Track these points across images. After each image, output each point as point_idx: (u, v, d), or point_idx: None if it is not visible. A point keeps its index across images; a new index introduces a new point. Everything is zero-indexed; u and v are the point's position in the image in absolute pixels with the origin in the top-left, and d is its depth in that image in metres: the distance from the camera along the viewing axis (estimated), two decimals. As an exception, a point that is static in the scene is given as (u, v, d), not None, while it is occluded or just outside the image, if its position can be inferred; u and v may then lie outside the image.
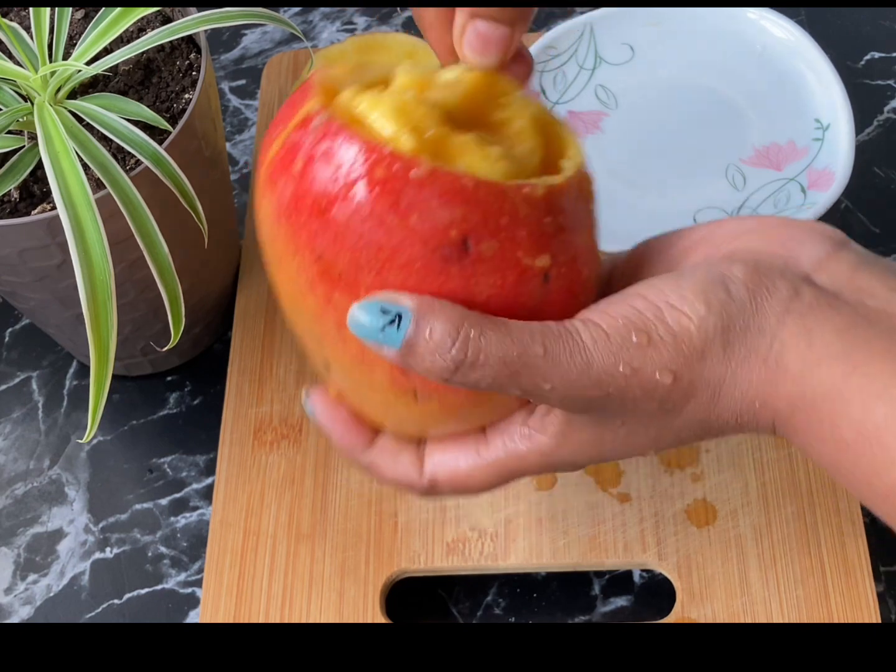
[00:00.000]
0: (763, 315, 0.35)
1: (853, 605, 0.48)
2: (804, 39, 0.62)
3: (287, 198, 0.34)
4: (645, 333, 0.34)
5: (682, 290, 0.35)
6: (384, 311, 0.34)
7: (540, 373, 0.34)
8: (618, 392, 0.35)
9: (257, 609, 0.51)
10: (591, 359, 0.34)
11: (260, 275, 0.61)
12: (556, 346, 0.34)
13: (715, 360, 0.35)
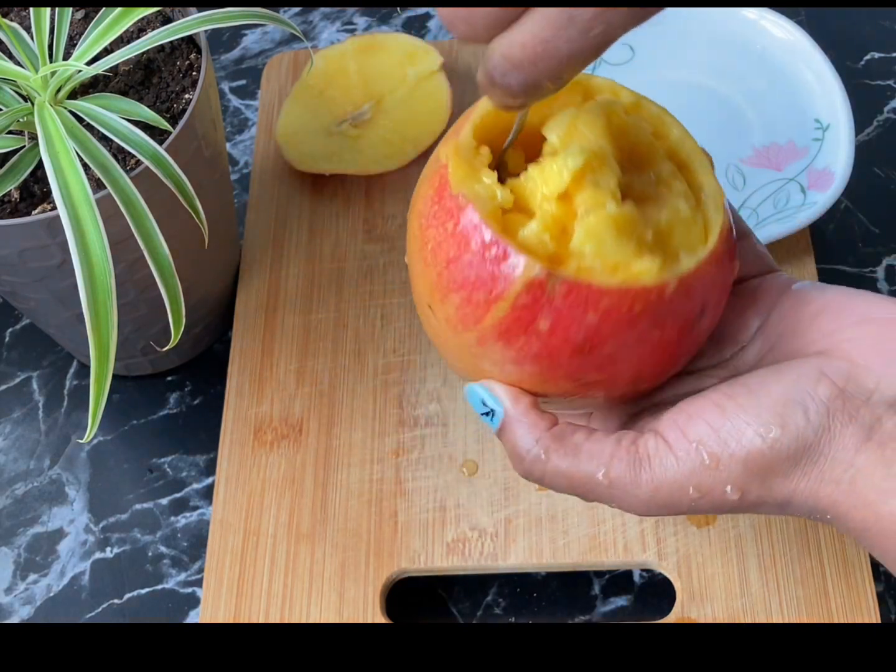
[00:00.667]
0: (840, 441, 0.35)
1: (853, 605, 0.48)
2: (804, 39, 0.62)
3: (537, 349, 0.36)
4: (715, 456, 0.36)
5: (761, 407, 0.36)
6: (484, 400, 0.39)
7: (604, 498, 0.37)
8: (688, 509, 0.37)
9: (257, 609, 0.51)
10: (659, 486, 0.36)
11: (260, 275, 0.61)
12: (622, 475, 0.36)
13: (785, 479, 0.36)
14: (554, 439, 0.37)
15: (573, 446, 0.37)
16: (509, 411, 0.38)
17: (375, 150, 0.63)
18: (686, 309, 0.37)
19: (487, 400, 0.38)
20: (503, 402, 0.38)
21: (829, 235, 0.61)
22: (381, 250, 0.61)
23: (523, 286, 0.35)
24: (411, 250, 0.39)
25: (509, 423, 0.38)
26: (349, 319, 0.59)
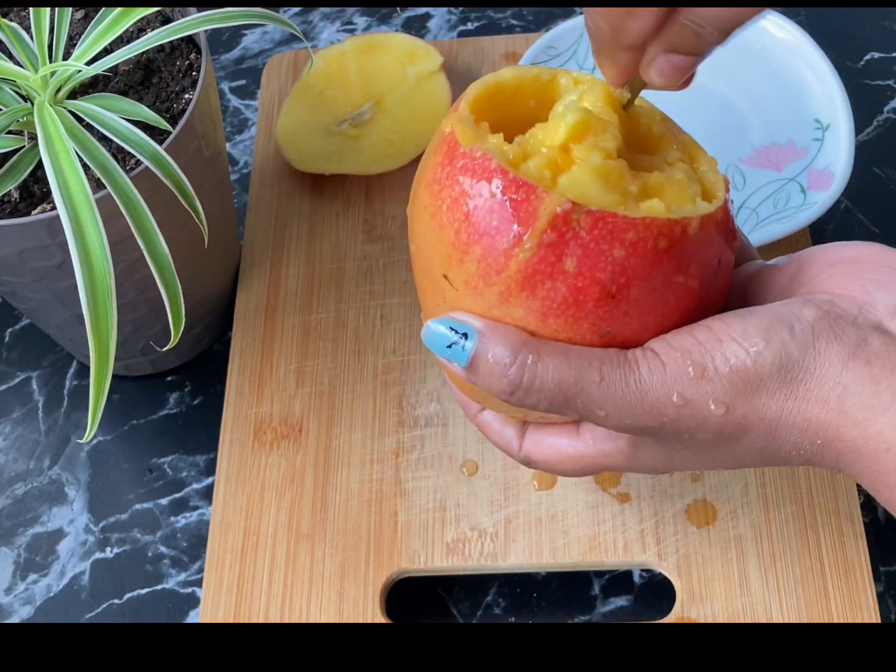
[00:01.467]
0: (827, 360, 0.35)
1: (853, 605, 0.48)
2: (804, 39, 0.62)
3: (563, 294, 0.36)
4: (700, 366, 0.35)
5: (747, 324, 0.36)
6: (452, 328, 0.36)
7: (594, 399, 0.36)
8: (671, 422, 0.36)
9: (257, 609, 0.51)
10: (645, 388, 0.36)
11: (260, 275, 0.61)
12: (612, 374, 0.36)
13: (770, 397, 0.35)
14: (540, 342, 0.36)
15: (560, 347, 0.36)
16: (483, 329, 0.36)
17: (375, 150, 0.63)
18: (707, 255, 0.37)
19: (456, 326, 0.37)
20: (473, 323, 0.36)
21: (829, 235, 0.61)
22: (381, 250, 0.61)
23: (548, 220, 0.35)
24: (420, 225, 0.38)
25: (486, 341, 0.36)
26: (349, 319, 0.59)
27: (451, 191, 0.36)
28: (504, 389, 0.36)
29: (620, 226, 0.35)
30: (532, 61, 0.64)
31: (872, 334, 0.35)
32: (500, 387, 0.36)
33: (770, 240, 0.56)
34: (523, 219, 0.35)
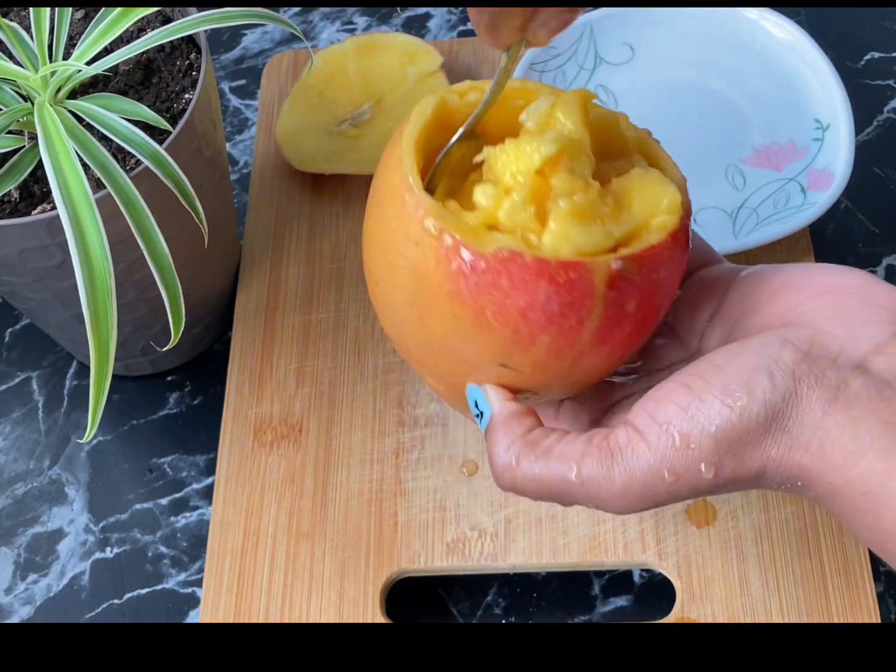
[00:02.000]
0: (807, 404, 0.35)
1: (853, 605, 0.48)
2: (804, 39, 0.62)
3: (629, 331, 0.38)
4: (685, 435, 0.35)
5: (727, 378, 0.36)
6: (476, 402, 0.39)
7: (577, 498, 0.37)
8: (666, 497, 0.37)
9: (257, 609, 0.51)
10: (633, 477, 0.36)
11: (260, 275, 0.61)
12: (595, 472, 0.36)
13: (755, 449, 0.35)
14: (525, 445, 0.38)
15: (544, 450, 0.37)
16: (493, 415, 0.38)
17: (375, 150, 0.63)
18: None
19: (479, 402, 0.39)
20: (492, 406, 0.39)
21: (829, 235, 0.61)
22: (381, 250, 0.61)
23: (606, 284, 0.36)
24: (446, 330, 0.38)
25: (491, 427, 0.38)
26: (349, 319, 0.59)
27: (490, 297, 0.36)
28: (495, 479, 0.39)
29: (658, 253, 0.37)
30: (532, 61, 0.64)
31: (853, 374, 0.35)
32: (493, 474, 0.39)
33: (770, 240, 0.56)
34: (584, 295, 0.36)
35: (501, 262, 0.36)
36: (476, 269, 0.36)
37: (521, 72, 0.64)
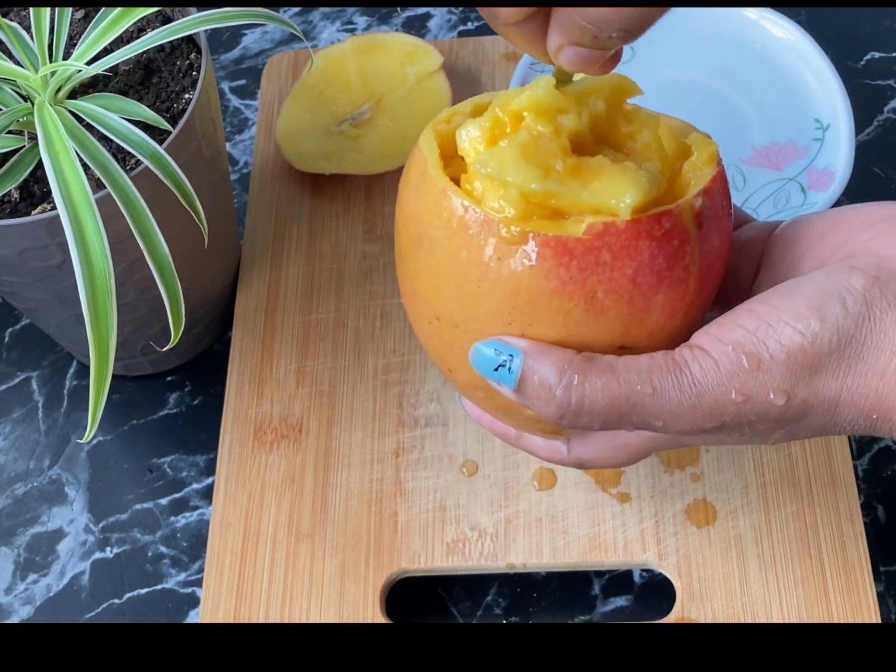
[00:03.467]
0: (881, 328, 0.34)
1: (853, 605, 0.48)
2: (804, 39, 0.62)
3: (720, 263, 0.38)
4: (756, 357, 0.34)
5: (797, 304, 0.34)
6: (498, 350, 0.36)
7: (650, 411, 0.35)
8: (732, 419, 0.35)
9: (257, 609, 0.51)
10: (701, 391, 0.34)
11: (260, 275, 0.61)
12: (664, 382, 0.35)
13: (830, 377, 0.34)
14: (586, 360, 0.35)
15: (608, 364, 0.35)
16: (528, 350, 0.36)
17: (375, 150, 0.63)
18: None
19: (501, 349, 0.36)
20: (518, 343, 0.36)
21: (829, 235, 0.61)
22: (381, 250, 0.61)
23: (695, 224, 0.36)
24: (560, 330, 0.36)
25: (532, 362, 0.35)
26: (349, 319, 0.59)
27: (597, 276, 0.35)
28: (553, 413, 0.36)
29: (719, 183, 0.37)
30: (532, 61, 0.64)
31: None
32: (549, 410, 0.36)
33: (770, 240, 0.56)
34: (682, 241, 0.36)
35: (598, 238, 0.35)
36: (575, 254, 0.35)
37: (521, 72, 0.64)
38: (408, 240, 0.39)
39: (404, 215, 0.39)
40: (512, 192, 0.35)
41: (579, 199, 0.36)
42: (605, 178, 0.36)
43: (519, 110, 0.37)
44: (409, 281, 0.40)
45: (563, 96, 0.37)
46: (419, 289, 0.39)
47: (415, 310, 0.40)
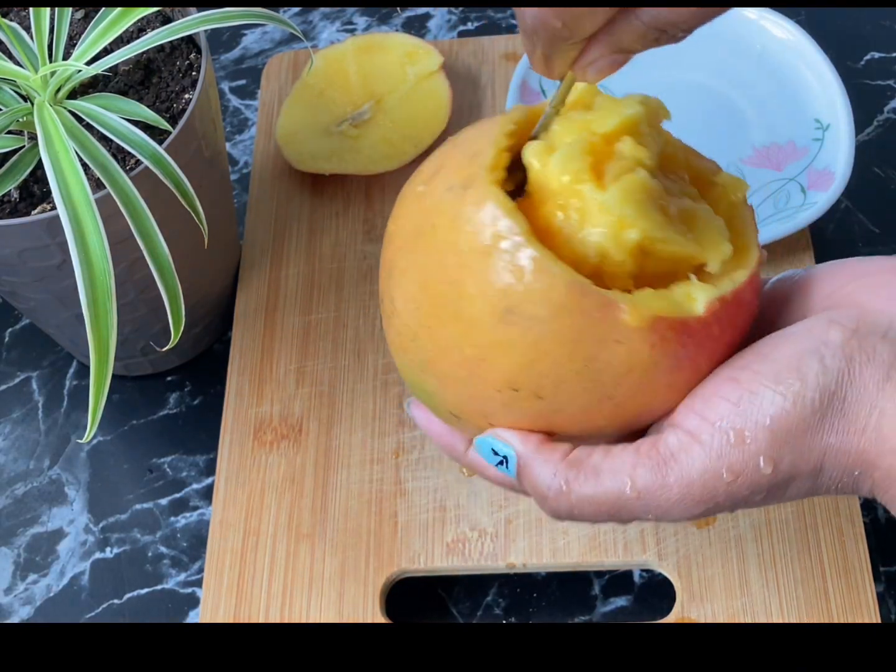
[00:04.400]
0: (861, 383, 0.34)
1: (853, 606, 0.48)
2: (804, 39, 0.62)
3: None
4: (739, 431, 0.34)
5: (777, 365, 0.34)
6: (494, 450, 0.37)
7: (637, 511, 0.36)
8: (725, 499, 0.35)
9: (257, 609, 0.51)
10: (690, 482, 0.35)
11: (260, 275, 0.61)
12: (650, 483, 0.35)
13: (814, 437, 0.34)
14: (571, 466, 0.36)
15: (592, 469, 0.36)
16: (521, 451, 0.36)
17: (375, 150, 0.63)
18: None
19: (497, 447, 0.37)
20: (512, 444, 0.37)
21: (829, 235, 0.61)
22: (380, 250, 0.61)
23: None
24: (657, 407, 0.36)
25: (524, 463, 0.36)
26: (349, 319, 0.59)
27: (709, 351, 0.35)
28: (549, 513, 0.37)
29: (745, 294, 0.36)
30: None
31: None
32: (543, 507, 0.37)
33: (770, 240, 0.56)
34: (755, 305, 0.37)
35: (713, 315, 0.35)
36: (693, 334, 0.35)
37: (521, 72, 0.64)
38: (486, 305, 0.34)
39: (439, 252, 0.35)
40: (631, 239, 0.34)
41: (681, 247, 0.35)
42: (708, 233, 0.36)
43: (612, 133, 0.35)
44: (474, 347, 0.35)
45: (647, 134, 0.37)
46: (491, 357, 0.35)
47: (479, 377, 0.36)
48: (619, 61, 0.36)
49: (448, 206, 0.35)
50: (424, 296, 0.36)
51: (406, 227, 0.38)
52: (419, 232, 0.36)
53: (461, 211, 0.34)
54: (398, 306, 0.38)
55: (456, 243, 0.34)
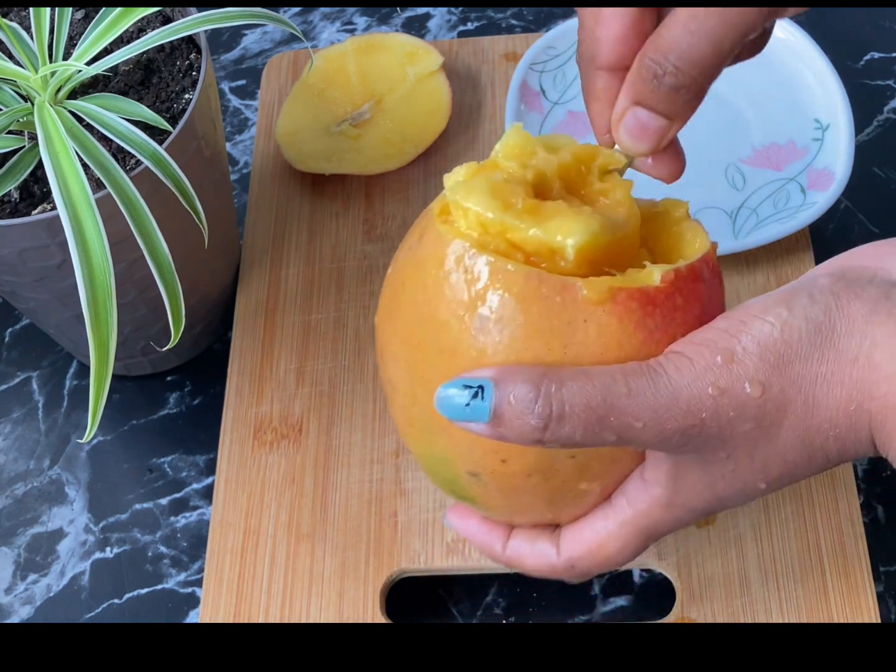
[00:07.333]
0: (850, 316, 0.34)
1: (853, 605, 0.48)
2: (804, 39, 0.62)
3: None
4: (728, 350, 0.34)
5: (767, 300, 0.35)
6: (466, 385, 0.35)
7: (628, 412, 0.34)
8: (711, 416, 0.35)
9: (257, 609, 0.51)
10: (677, 387, 0.34)
11: (260, 275, 0.61)
12: (639, 382, 0.34)
13: (803, 364, 0.34)
14: (558, 370, 0.35)
15: (580, 371, 0.35)
16: (498, 376, 0.35)
17: (375, 150, 0.63)
18: None
19: (469, 383, 0.35)
20: (484, 374, 0.35)
21: (829, 235, 0.61)
22: (381, 250, 0.61)
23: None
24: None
25: (504, 385, 0.35)
26: (349, 319, 0.59)
27: (676, 321, 0.36)
28: (536, 426, 0.35)
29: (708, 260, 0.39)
30: (532, 61, 0.64)
31: (892, 290, 0.35)
32: (531, 425, 0.35)
33: (770, 240, 0.56)
34: (719, 277, 0.39)
35: (672, 284, 0.36)
36: (658, 304, 0.36)
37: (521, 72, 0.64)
38: (460, 324, 0.37)
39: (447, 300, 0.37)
40: (471, 219, 0.37)
41: (528, 234, 0.36)
42: (558, 218, 0.36)
43: (496, 156, 0.39)
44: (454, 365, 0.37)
45: (534, 140, 0.39)
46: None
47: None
48: (647, 123, 0.37)
49: (411, 261, 0.39)
50: (410, 349, 0.38)
51: (384, 305, 0.41)
52: (394, 297, 0.40)
53: (420, 256, 0.38)
54: (394, 379, 0.40)
55: (423, 283, 0.37)
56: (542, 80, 0.64)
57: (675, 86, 0.36)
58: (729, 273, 0.57)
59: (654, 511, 0.38)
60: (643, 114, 0.37)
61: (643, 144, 0.38)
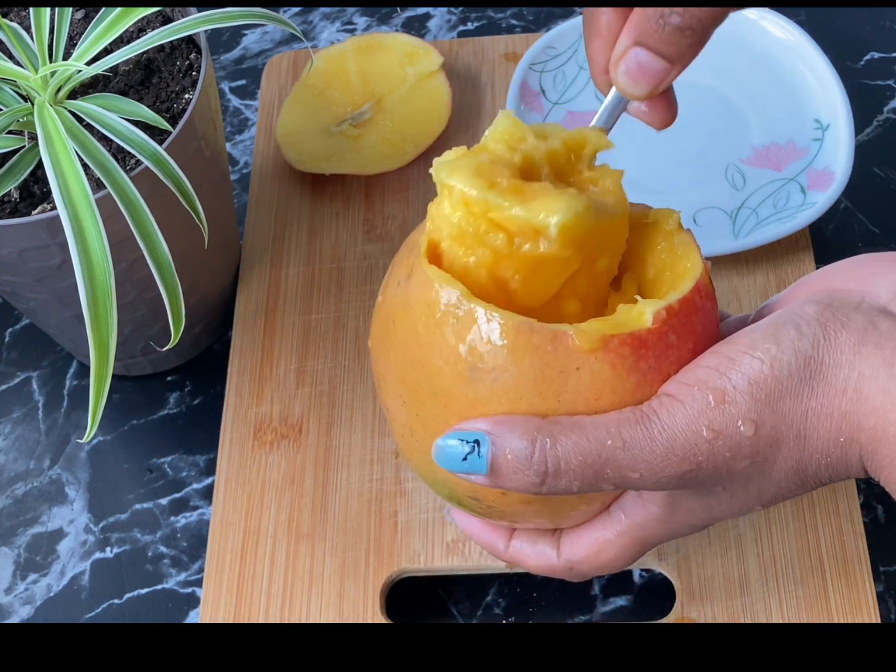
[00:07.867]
0: (838, 347, 0.34)
1: (853, 605, 0.48)
2: (804, 39, 0.62)
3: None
4: (719, 390, 0.34)
5: (754, 335, 0.35)
6: (462, 440, 0.35)
7: (624, 464, 0.35)
8: (707, 459, 0.35)
9: (257, 609, 0.51)
10: (672, 435, 0.35)
11: (260, 275, 0.61)
12: (634, 433, 0.35)
13: (794, 400, 0.35)
14: (552, 423, 0.35)
15: (575, 423, 0.35)
16: (493, 429, 0.35)
17: (375, 150, 0.63)
18: None
19: (465, 437, 0.36)
20: (479, 426, 0.35)
21: (829, 235, 0.61)
22: (381, 250, 0.61)
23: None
24: None
25: (500, 440, 0.35)
26: (349, 319, 0.59)
27: (669, 359, 0.36)
28: (533, 482, 0.35)
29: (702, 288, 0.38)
30: (532, 61, 0.64)
31: (879, 317, 0.35)
32: (529, 480, 0.35)
33: (770, 240, 0.56)
34: (714, 302, 0.38)
35: (664, 324, 0.36)
36: (650, 346, 0.36)
37: (521, 72, 0.64)
38: (453, 372, 0.37)
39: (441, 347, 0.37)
40: (455, 197, 0.36)
41: (511, 213, 0.36)
42: (542, 198, 0.36)
43: (485, 140, 0.39)
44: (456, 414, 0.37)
45: (524, 127, 0.39)
46: (473, 418, 0.37)
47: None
48: (647, 65, 0.36)
49: (400, 299, 0.38)
50: (405, 387, 0.38)
51: (376, 335, 0.41)
52: (385, 333, 0.39)
53: (409, 297, 0.38)
54: (392, 410, 0.40)
55: (414, 327, 0.37)
56: (542, 80, 0.64)
57: (681, 26, 0.36)
58: (729, 273, 0.58)
59: (651, 525, 0.39)
60: (644, 55, 0.36)
61: (641, 87, 0.37)
